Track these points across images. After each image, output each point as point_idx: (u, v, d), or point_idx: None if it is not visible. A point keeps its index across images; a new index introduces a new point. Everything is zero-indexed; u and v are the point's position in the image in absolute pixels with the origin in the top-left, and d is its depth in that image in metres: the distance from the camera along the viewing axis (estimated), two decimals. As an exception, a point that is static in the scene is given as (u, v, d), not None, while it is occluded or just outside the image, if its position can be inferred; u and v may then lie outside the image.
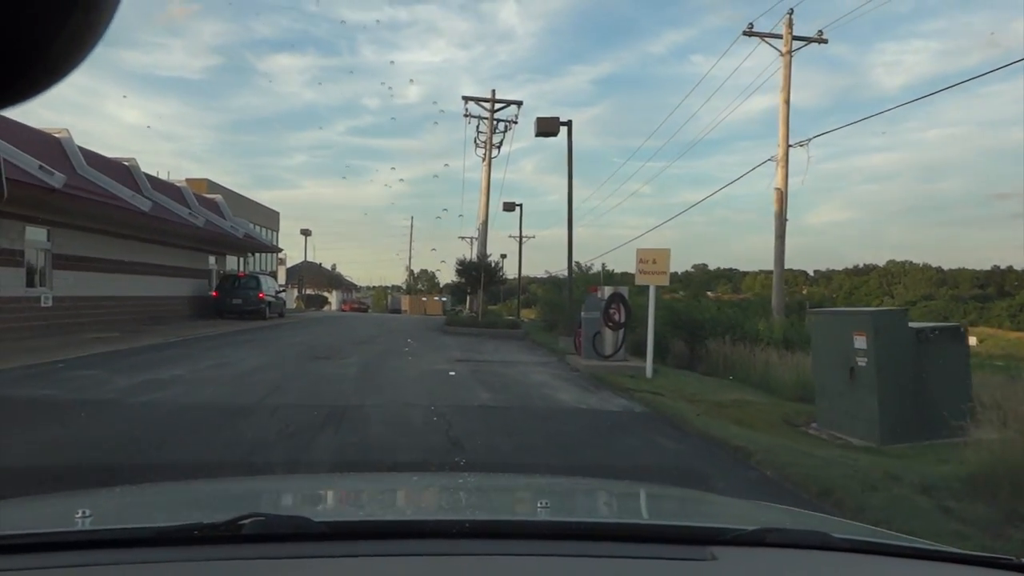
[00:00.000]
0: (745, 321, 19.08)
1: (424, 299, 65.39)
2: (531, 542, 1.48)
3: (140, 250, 25.87)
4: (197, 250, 30.86)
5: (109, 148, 30.25)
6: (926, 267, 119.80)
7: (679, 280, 46.65)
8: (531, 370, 15.03)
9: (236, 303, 30.87)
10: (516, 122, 34.99)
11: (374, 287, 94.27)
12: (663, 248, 14.41)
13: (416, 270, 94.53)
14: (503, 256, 32.78)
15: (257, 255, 44.18)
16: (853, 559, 1.50)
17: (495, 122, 33.90)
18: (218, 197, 35.22)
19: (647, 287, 14.69)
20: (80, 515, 1.55)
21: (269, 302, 32.18)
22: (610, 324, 15.80)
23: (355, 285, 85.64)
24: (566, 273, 49.42)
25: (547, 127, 22.41)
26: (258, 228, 43.59)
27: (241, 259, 37.21)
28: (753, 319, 19.77)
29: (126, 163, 26.43)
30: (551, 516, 1.80)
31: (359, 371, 13.64)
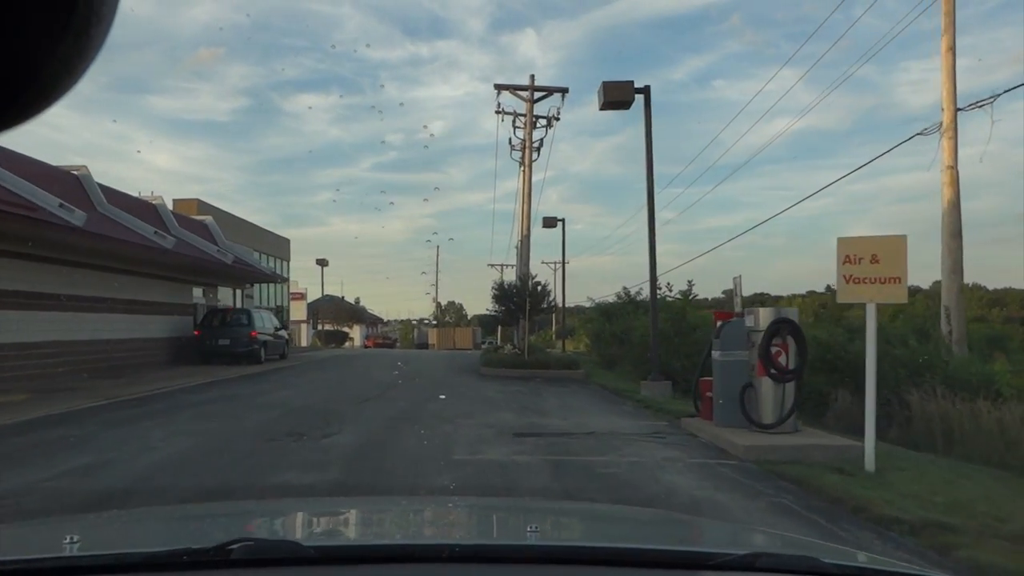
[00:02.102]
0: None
1: (454, 331, 58.95)
2: (520, 567, 1.44)
3: (92, 281, 19.70)
4: (177, 280, 24.66)
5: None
6: (976, 287, 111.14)
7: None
8: (648, 456, 8.38)
9: (223, 344, 24.59)
10: (559, 118, 28.65)
11: (402, 320, 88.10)
12: (892, 236, 7.76)
13: (443, 302, 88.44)
14: (541, 282, 25.90)
15: (266, 290, 38.03)
16: None
17: (535, 119, 27.55)
18: (208, 219, 29.10)
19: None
20: (68, 541, 1.49)
21: (265, 342, 25.85)
22: (773, 372, 9.12)
23: (380, 319, 79.37)
24: (614, 299, 42.56)
25: (618, 95, 15.98)
26: (265, 257, 37.48)
27: (239, 291, 30.99)
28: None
29: (75, 172, 20.38)
30: (540, 540, 1.70)
31: (341, 477, 7.09)
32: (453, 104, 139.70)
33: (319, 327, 51.68)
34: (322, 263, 50.30)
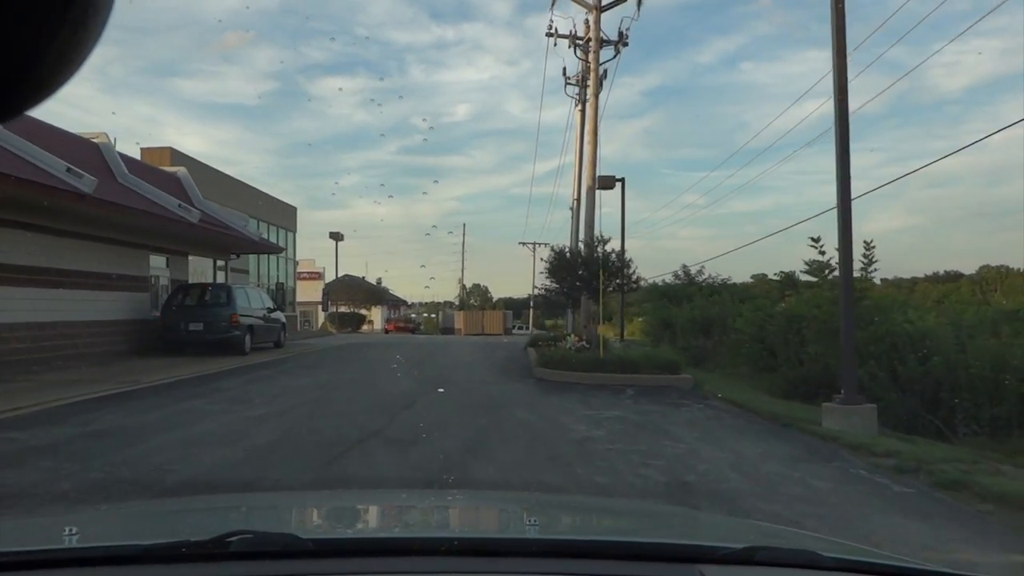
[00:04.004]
0: None
1: (483, 315, 52.06)
2: (519, 560, 1.37)
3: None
4: (125, 245, 17.89)
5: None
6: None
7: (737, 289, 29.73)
8: None
9: (195, 330, 18.24)
10: (627, 43, 21.47)
11: (426, 303, 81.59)
12: None
13: (468, 285, 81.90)
14: (616, 248, 18.52)
15: (265, 266, 31.36)
16: None
17: (602, 42, 20.39)
18: (180, 170, 22.30)
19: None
20: (67, 533, 1.44)
21: (251, 326, 19.31)
22: None
23: (404, 301, 72.62)
24: (671, 280, 35.08)
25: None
26: (266, 226, 30.78)
27: (221, 262, 24.21)
28: None
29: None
30: (540, 534, 1.64)
31: None
32: (479, 87, 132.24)
33: (330, 309, 45.00)
34: (336, 237, 43.58)
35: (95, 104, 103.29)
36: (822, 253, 12.77)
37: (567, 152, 69.08)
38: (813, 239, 12.73)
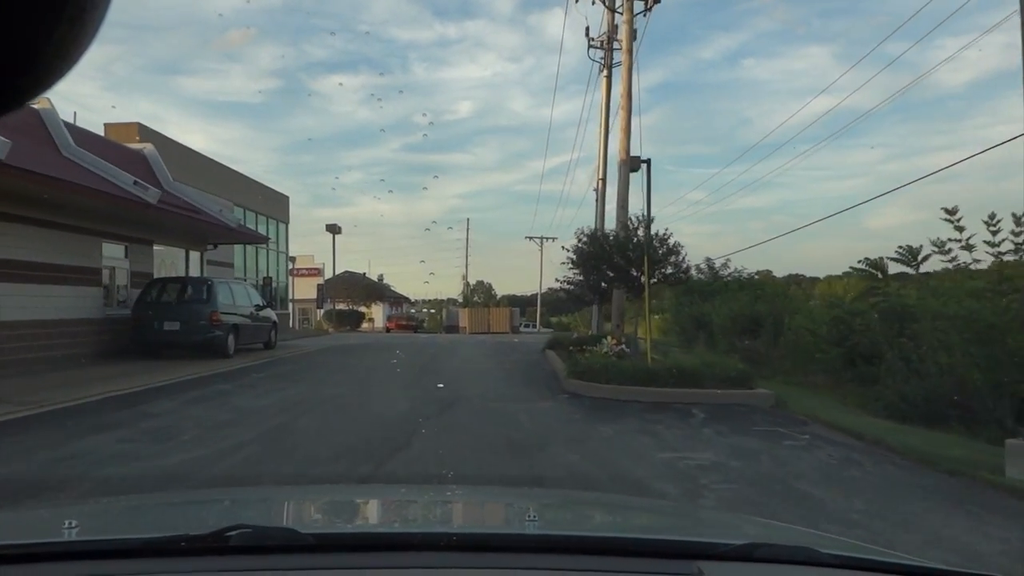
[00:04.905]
0: None
1: (488, 313, 49.01)
2: (518, 555, 1.34)
3: None
4: (69, 230, 14.86)
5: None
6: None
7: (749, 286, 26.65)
8: None
9: (170, 330, 15.77)
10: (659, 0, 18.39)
11: (429, 300, 78.68)
12: None
13: (472, 282, 78.98)
14: (660, 233, 15.30)
15: (253, 259, 28.38)
16: (841, 575, 1.33)
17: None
18: (147, 147, 19.29)
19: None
20: (67, 526, 1.39)
21: (236, 325, 16.58)
22: None
23: (406, 298, 69.61)
24: (695, 274, 31.63)
25: None
26: (255, 216, 27.81)
27: (196, 253, 21.14)
28: None
29: None
30: (539, 530, 1.60)
31: None
32: (482, 84, 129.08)
33: (327, 306, 41.97)
34: (333, 230, 40.61)
35: (98, 102, 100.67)
36: (959, 229, 9.76)
37: (579, 147, 65.89)
38: (948, 210, 9.68)
